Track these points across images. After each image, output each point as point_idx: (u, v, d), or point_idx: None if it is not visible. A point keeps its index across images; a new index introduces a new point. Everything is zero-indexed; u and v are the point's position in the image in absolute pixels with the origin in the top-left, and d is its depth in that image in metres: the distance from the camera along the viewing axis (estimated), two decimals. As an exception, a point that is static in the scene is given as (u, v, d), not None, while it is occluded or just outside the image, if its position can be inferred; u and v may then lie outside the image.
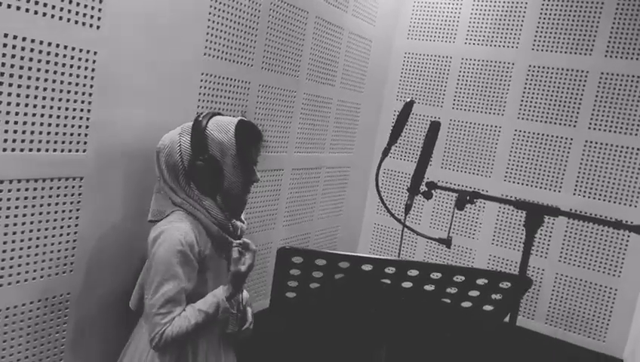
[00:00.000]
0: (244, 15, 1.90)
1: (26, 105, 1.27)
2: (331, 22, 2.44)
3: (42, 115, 1.31)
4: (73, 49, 1.35)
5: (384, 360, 1.71)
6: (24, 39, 1.24)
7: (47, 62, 1.30)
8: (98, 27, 1.39)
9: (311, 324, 1.33)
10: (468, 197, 1.59)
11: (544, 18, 2.69)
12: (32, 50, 1.26)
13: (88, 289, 1.52)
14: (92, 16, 1.37)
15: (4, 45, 1.20)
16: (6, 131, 1.24)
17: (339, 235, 2.97)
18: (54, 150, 1.36)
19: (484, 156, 2.85)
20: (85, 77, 1.39)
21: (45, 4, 1.27)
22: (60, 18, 1.30)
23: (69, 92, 1.36)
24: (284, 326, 2.02)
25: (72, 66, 1.35)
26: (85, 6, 1.35)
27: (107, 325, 1.59)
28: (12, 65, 1.23)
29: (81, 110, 1.40)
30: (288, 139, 2.33)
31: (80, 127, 1.40)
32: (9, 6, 1.20)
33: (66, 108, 1.36)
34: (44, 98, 1.31)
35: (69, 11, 1.32)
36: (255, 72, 2.02)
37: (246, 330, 1.58)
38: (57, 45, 1.31)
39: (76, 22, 1.34)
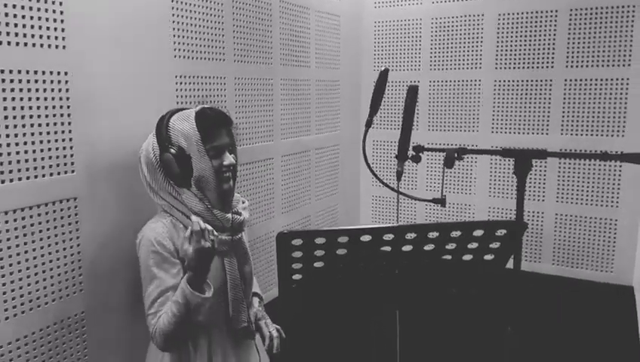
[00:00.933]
0: (208, 10, 1.90)
1: (7, 135, 1.28)
2: (296, 3, 2.43)
3: (25, 143, 1.32)
4: (43, 73, 1.35)
5: (398, 326, 1.75)
6: (-7, 71, 1.24)
7: (20, 90, 1.30)
8: (64, 47, 1.39)
9: (321, 303, 1.36)
10: (456, 155, 1.61)
11: (506, -36, 2.68)
12: (2, 80, 1.26)
13: (102, 305, 1.54)
14: (56, 37, 1.37)
15: (-25, 80, 1.21)
16: (-8, 165, 1.26)
17: (339, 213, 3.00)
18: (43, 175, 1.37)
19: (469, 111, 2.87)
20: (61, 98, 1.40)
21: (8, 33, 1.27)
22: (25, 44, 1.30)
23: (47, 116, 1.37)
24: (297, 310, 2.04)
25: (45, 90, 1.36)
26: (47, 28, 1.35)
27: (127, 337, 1.62)
28: (-14, 99, 1.23)
29: (62, 132, 1.41)
30: (272, 127, 2.34)
31: (65, 148, 1.42)
32: (-28, 41, 1.20)
33: (47, 133, 1.37)
34: (23, 126, 1.32)
35: (32, 36, 1.32)
36: (228, 65, 2.02)
37: (270, 345, 1.58)
38: (27, 72, 1.31)
39: (41, 45, 1.34)
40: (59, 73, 1.38)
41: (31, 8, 1.31)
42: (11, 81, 1.28)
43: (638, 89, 2.47)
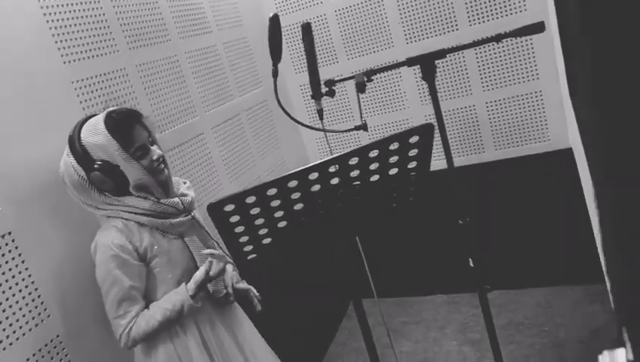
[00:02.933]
0: (84, 6, 1.82)
1: None
2: (176, -29, 2.35)
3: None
4: None
5: (361, 249, 1.83)
6: None
7: None
8: (-58, 88, 1.34)
9: (279, 255, 1.41)
10: (365, 78, 1.65)
11: None
12: None
13: (75, 323, 1.57)
14: None
15: None
16: None
17: (288, 165, 3.03)
18: (-32, 221, 1.35)
19: (381, 29, 2.88)
20: (-43, 141, 1.36)
21: None
22: None
23: (-51, 163, 1.33)
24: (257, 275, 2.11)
25: (-63, 138, 1.31)
26: None
27: (112, 345, 1.65)
28: None
29: (-28, 173, 1.38)
30: (192, 102, 2.31)
31: (-20, 188, 1.39)
32: None
33: (-43, 179, 1.34)
34: None
35: None
36: (124, 55, 1.96)
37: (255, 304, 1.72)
38: None
39: None
40: (-55, 116, 1.34)
41: None
42: None
43: (527, -39, 2.52)
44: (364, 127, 1.60)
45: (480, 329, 2.87)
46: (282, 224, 1.31)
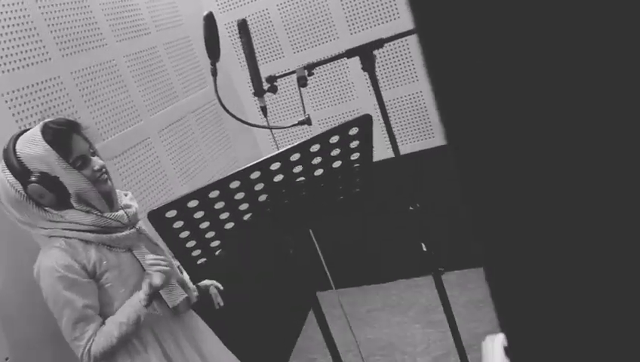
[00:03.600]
0: (8, 15, 1.74)
1: None
2: (108, -27, 2.27)
3: None
4: None
5: (315, 242, 1.83)
6: None
7: None
8: None
9: (228, 258, 1.40)
10: (306, 72, 1.64)
11: None
12: None
13: (25, 342, 1.51)
14: None
15: None
16: None
17: (241, 163, 3.00)
18: None
19: (324, 21, 2.88)
20: None
21: None
22: None
23: None
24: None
25: None
26: None
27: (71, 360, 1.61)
28: None
29: None
30: (136, 107, 2.25)
31: None
32: None
33: None
34: None
35: None
36: (58, 63, 1.89)
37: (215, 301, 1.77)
38: None
39: None
40: None
41: None
42: None
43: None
44: (307, 121, 1.60)
45: (442, 310, 2.93)
46: (229, 225, 1.29)
